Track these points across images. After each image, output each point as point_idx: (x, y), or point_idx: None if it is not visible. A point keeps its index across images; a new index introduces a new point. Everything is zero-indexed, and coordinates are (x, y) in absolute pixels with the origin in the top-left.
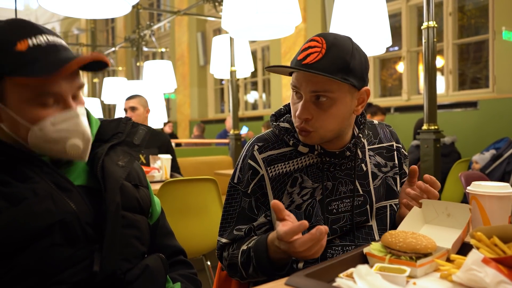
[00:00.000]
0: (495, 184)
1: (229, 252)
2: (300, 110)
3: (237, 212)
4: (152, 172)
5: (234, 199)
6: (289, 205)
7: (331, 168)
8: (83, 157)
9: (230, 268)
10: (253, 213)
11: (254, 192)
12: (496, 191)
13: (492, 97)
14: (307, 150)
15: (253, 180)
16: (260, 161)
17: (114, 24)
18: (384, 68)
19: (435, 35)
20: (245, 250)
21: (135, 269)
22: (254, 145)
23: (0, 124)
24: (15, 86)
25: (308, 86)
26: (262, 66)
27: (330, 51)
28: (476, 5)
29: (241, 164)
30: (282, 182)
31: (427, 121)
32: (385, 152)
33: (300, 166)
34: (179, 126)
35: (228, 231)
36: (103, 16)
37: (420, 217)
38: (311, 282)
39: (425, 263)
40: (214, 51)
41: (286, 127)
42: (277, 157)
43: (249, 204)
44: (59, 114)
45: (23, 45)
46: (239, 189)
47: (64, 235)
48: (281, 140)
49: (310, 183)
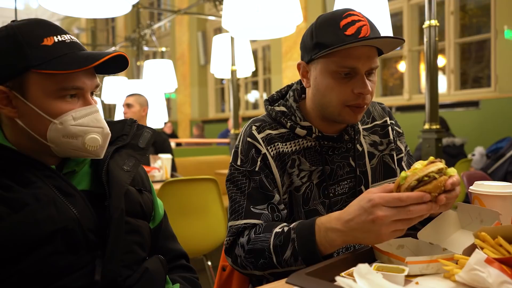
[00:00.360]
0: (498, 184)
1: (250, 236)
2: (365, 84)
3: (246, 193)
4: (153, 172)
5: (240, 181)
6: (289, 186)
7: (330, 152)
8: (99, 153)
9: (250, 255)
10: (268, 190)
11: (262, 169)
12: (499, 190)
13: (494, 96)
14: (304, 132)
15: (258, 158)
16: (260, 140)
17: (115, 24)
18: (385, 67)
19: (437, 34)
20: (281, 232)
21: (135, 274)
22: (252, 126)
23: (17, 119)
24: (40, 79)
25: (368, 61)
26: (263, 65)
27: (368, 19)
28: (477, 4)
29: (242, 146)
30: (282, 161)
31: (428, 120)
32: (380, 129)
33: (298, 148)
34: (179, 126)
35: (244, 212)
36: (103, 15)
37: (455, 221)
38: (312, 281)
39: (416, 262)
40: (215, 50)
41: (282, 110)
42: (276, 136)
43: (260, 182)
44: (80, 109)
45: (50, 40)
46: (245, 170)
47: (65, 243)
48: (278, 122)
49: (308, 166)
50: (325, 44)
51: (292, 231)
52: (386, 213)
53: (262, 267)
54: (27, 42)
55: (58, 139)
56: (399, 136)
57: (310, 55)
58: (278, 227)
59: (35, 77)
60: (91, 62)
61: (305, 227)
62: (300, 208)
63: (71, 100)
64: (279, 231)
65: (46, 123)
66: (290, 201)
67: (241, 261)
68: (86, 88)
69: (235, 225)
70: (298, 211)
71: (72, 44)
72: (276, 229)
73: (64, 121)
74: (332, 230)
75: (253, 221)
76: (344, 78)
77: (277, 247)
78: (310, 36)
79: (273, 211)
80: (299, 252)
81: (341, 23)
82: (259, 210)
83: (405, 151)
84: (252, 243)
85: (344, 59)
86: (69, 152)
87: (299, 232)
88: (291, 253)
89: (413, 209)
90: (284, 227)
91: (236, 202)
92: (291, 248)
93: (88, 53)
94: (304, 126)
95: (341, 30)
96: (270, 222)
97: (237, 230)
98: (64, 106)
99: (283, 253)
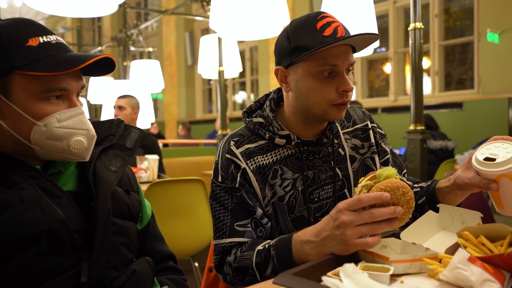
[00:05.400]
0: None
1: (236, 255)
2: (348, 82)
3: (229, 210)
4: (139, 173)
5: (223, 197)
6: (272, 197)
7: (310, 157)
8: (85, 156)
9: (237, 272)
10: (249, 206)
11: (242, 185)
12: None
13: (477, 98)
14: (283, 142)
15: (237, 174)
16: (239, 155)
17: (101, 23)
18: (371, 69)
19: (422, 36)
20: (262, 249)
21: (122, 276)
22: (230, 141)
23: (0, 121)
24: (24, 80)
25: (347, 58)
26: (250, 66)
27: (340, 21)
28: (461, 7)
29: (221, 162)
30: (263, 174)
31: (413, 121)
32: (361, 133)
33: (279, 157)
34: (166, 127)
35: (228, 231)
36: (89, 15)
37: (437, 222)
38: (298, 281)
39: (401, 261)
40: (202, 51)
41: (260, 121)
42: (255, 150)
43: (241, 198)
44: (65, 110)
45: (35, 41)
46: (226, 186)
47: (51, 244)
48: (256, 134)
49: (291, 174)
50: (305, 47)
51: (271, 248)
52: (349, 217)
53: (249, 283)
54: (12, 43)
55: (42, 141)
56: (383, 138)
57: (290, 59)
58: (261, 245)
59: (19, 78)
60: (77, 64)
61: (283, 243)
62: (286, 217)
63: (56, 102)
64: (261, 248)
65: (30, 125)
66: (274, 212)
67: (230, 279)
68: (72, 89)
69: (221, 244)
70: (284, 220)
71: (58, 45)
72: (258, 247)
73: (48, 123)
74: (306, 242)
75: (238, 239)
76: (327, 78)
77: (259, 264)
78: (287, 41)
79: (257, 227)
80: (277, 268)
81: (318, 25)
82: (243, 227)
83: (390, 151)
84: (238, 262)
85: (326, 59)
86: (54, 154)
87: (277, 249)
88: (272, 270)
89: (375, 212)
90: (266, 244)
91: (220, 220)
92: (271, 265)
93: (74, 55)
94: (282, 135)
95: (318, 32)
96: (254, 240)
97: (222, 249)
98: (49, 108)
99: (265, 270)
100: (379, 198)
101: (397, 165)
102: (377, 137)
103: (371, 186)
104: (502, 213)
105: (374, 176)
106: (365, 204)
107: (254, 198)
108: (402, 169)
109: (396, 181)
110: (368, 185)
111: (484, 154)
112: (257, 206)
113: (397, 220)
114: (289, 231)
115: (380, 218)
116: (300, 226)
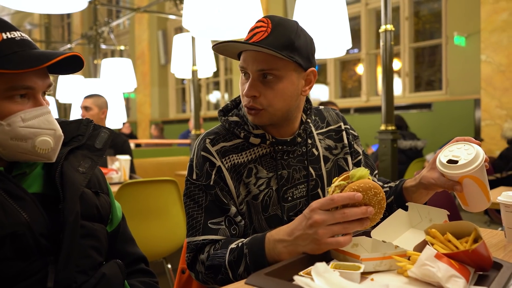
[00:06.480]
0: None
1: (209, 252)
2: (247, 88)
3: (203, 207)
4: (110, 174)
5: (197, 195)
6: (246, 196)
7: (285, 156)
8: (51, 157)
9: (209, 270)
10: (223, 204)
11: (216, 183)
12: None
13: (445, 99)
14: (258, 141)
15: (212, 171)
16: (214, 153)
17: (70, 20)
18: (344, 69)
19: (392, 39)
20: (235, 248)
21: (91, 279)
22: (205, 139)
23: None
24: None
25: (255, 64)
26: (224, 66)
27: (275, 30)
28: (430, 11)
29: (196, 160)
30: (238, 172)
31: (384, 121)
32: (334, 134)
33: (254, 156)
34: (139, 126)
35: (201, 228)
36: (58, 11)
37: (406, 220)
38: (271, 281)
39: (371, 259)
40: (175, 50)
41: (236, 120)
42: (230, 148)
43: (215, 195)
44: (30, 109)
45: None
46: (200, 184)
47: (15, 249)
48: (232, 133)
49: (265, 173)
50: None
51: (245, 247)
52: (322, 217)
53: (221, 282)
54: None
55: (6, 141)
56: (355, 139)
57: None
58: (234, 243)
59: None
60: (43, 62)
61: (256, 242)
62: (260, 216)
63: (21, 101)
64: (234, 247)
65: None
66: (248, 211)
67: (202, 277)
68: (37, 88)
69: (194, 242)
70: (258, 219)
71: (23, 42)
72: (232, 245)
73: (12, 123)
74: (279, 241)
75: (211, 237)
76: (245, 80)
77: (231, 262)
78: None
79: (230, 225)
80: (250, 267)
81: (249, 30)
82: (216, 225)
83: (362, 153)
84: (211, 259)
85: (240, 62)
86: (18, 155)
87: (250, 248)
88: (244, 268)
89: (347, 211)
90: (239, 243)
91: (194, 218)
92: (244, 264)
93: (40, 52)
94: (257, 134)
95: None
96: (228, 238)
97: (195, 246)
98: (13, 107)
99: (237, 268)
100: (352, 198)
101: (369, 166)
102: (350, 138)
103: (344, 186)
104: (467, 209)
105: (347, 177)
106: (338, 204)
107: (229, 196)
108: (373, 170)
109: (369, 182)
110: (341, 185)
111: (447, 156)
112: (231, 204)
113: (368, 220)
114: (263, 230)
115: (352, 218)
116: (274, 225)
